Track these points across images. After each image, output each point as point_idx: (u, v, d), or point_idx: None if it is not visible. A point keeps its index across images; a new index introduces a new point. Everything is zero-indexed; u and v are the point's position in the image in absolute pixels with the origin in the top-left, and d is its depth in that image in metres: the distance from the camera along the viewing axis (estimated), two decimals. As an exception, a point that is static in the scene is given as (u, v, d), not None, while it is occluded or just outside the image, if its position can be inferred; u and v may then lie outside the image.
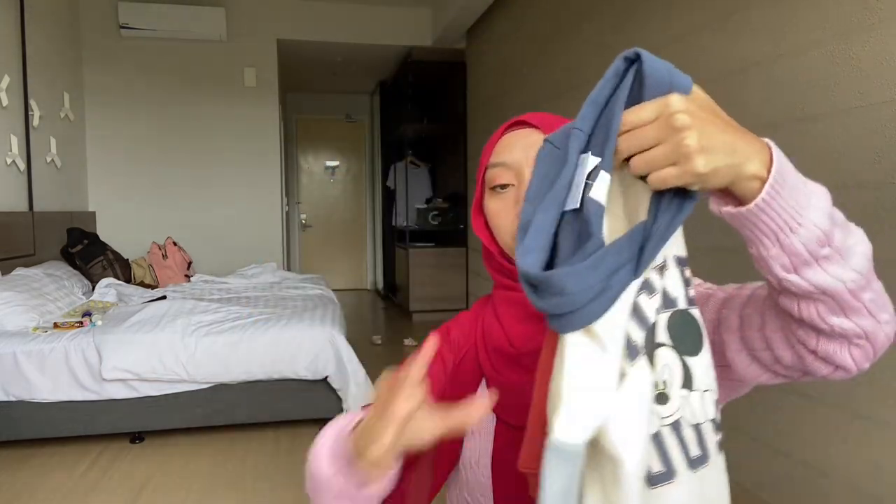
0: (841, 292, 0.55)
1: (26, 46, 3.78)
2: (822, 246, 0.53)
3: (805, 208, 0.53)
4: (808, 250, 0.53)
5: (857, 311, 0.56)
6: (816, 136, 1.70)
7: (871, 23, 1.53)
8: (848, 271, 0.54)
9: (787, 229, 0.52)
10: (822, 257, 0.54)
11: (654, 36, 2.45)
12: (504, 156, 0.75)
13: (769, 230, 0.53)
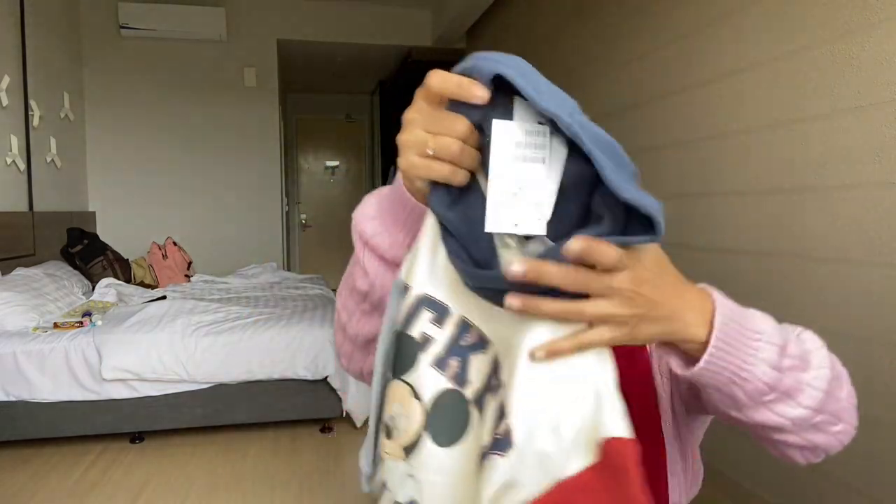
0: (784, 425, 0.56)
1: (26, 46, 3.78)
2: (768, 392, 0.53)
3: (750, 364, 0.52)
4: (752, 399, 0.54)
5: (804, 432, 0.57)
6: (816, 136, 1.70)
7: (871, 23, 1.53)
8: (796, 409, 0.55)
9: (732, 384, 0.53)
10: (767, 401, 0.54)
11: (655, 36, 2.45)
12: None
13: (713, 386, 0.54)
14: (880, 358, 1.52)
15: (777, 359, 0.53)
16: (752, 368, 0.52)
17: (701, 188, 2.19)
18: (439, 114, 0.50)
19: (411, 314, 0.53)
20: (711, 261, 2.13)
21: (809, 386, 0.55)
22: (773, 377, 0.53)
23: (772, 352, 0.53)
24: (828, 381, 0.56)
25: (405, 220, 0.58)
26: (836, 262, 1.64)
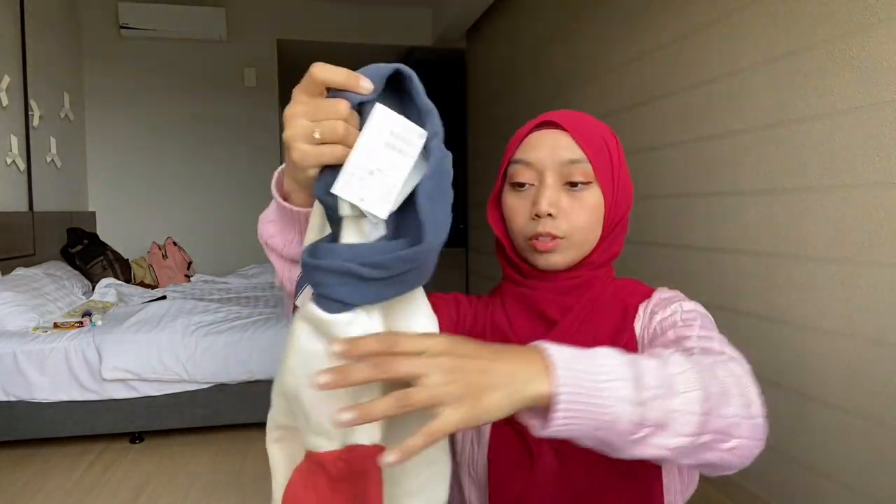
0: (667, 456, 0.54)
1: (26, 46, 3.78)
2: (638, 430, 0.52)
3: (609, 406, 0.51)
4: (625, 440, 0.52)
5: (692, 454, 0.56)
6: (816, 136, 1.70)
7: (871, 23, 1.53)
8: (673, 439, 0.53)
9: (598, 430, 0.51)
10: (641, 438, 0.53)
11: (655, 36, 2.46)
12: (528, 154, 0.76)
13: (583, 437, 0.52)
14: (880, 358, 1.53)
15: (634, 393, 0.51)
16: (611, 409, 0.50)
17: (701, 188, 2.19)
18: (320, 101, 0.51)
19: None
20: (711, 261, 2.13)
21: (681, 412, 0.53)
22: (636, 414, 0.51)
23: (626, 388, 0.51)
24: (701, 403, 0.54)
25: (289, 221, 0.62)
26: (836, 262, 1.64)
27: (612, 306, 0.77)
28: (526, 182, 0.76)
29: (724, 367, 0.59)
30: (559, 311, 0.77)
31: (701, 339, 0.67)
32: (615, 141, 0.79)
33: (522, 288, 0.79)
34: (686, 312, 0.73)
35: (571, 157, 0.74)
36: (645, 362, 0.55)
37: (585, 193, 0.74)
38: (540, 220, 0.74)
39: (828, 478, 1.68)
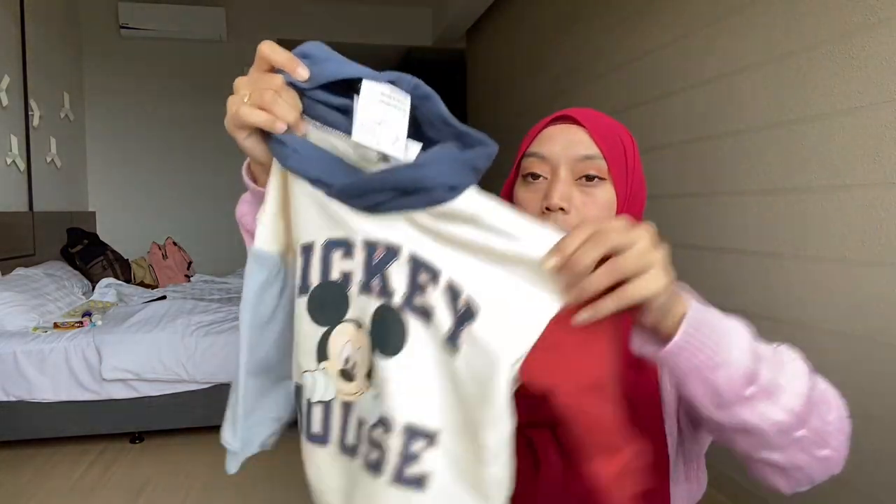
0: (767, 430, 0.55)
1: (26, 46, 3.78)
2: (748, 385, 0.53)
3: (724, 346, 0.53)
4: (733, 389, 0.53)
5: (787, 447, 0.56)
6: (816, 136, 1.70)
7: (871, 23, 1.53)
8: (776, 411, 0.54)
9: (708, 368, 0.52)
10: (746, 396, 0.54)
11: (655, 36, 2.46)
12: (543, 147, 0.75)
13: (691, 371, 0.53)
14: (880, 358, 1.53)
15: (750, 346, 0.54)
16: (728, 352, 0.52)
17: (701, 188, 2.19)
18: (262, 74, 0.56)
19: (325, 263, 0.55)
20: (711, 261, 2.13)
21: (789, 390, 0.55)
22: (749, 363, 0.53)
23: (745, 340, 0.54)
24: (807, 389, 0.56)
25: (256, 202, 0.66)
26: (837, 262, 1.64)
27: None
28: (539, 174, 0.75)
29: (822, 380, 0.60)
30: None
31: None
32: (631, 141, 0.78)
33: None
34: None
35: (586, 152, 0.72)
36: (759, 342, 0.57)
37: (598, 190, 0.73)
38: (550, 215, 0.72)
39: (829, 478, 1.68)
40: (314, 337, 0.56)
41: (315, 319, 0.56)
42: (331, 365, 0.56)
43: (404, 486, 0.51)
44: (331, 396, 0.55)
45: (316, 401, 0.56)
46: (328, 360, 0.55)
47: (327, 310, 0.56)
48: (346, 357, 0.55)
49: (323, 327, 0.56)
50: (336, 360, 0.55)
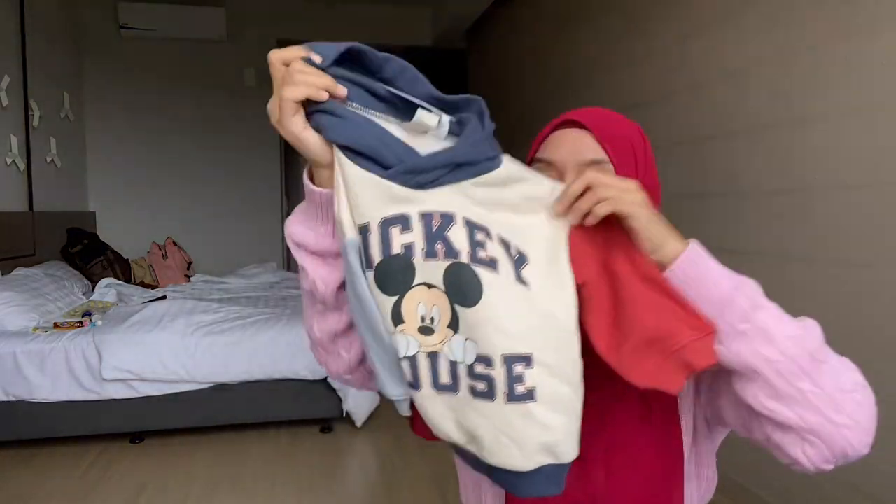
0: (767, 372, 0.58)
1: (26, 46, 3.78)
2: (742, 321, 0.59)
3: (713, 279, 0.61)
4: (728, 321, 0.59)
5: (794, 399, 0.58)
6: (816, 136, 1.70)
7: (871, 23, 1.53)
8: (772, 351, 0.58)
9: (702, 298, 0.61)
10: (741, 332, 0.59)
11: (655, 36, 2.46)
12: (550, 153, 0.75)
13: (691, 282, 0.61)
14: (881, 358, 1.53)
15: (738, 289, 0.61)
16: (717, 283, 0.61)
17: (701, 188, 2.19)
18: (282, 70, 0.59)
19: (384, 240, 0.61)
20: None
21: (788, 337, 0.59)
22: (736, 298, 0.60)
23: (730, 282, 0.62)
24: (812, 344, 0.59)
25: (322, 214, 0.65)
26: (837, 262, 1.64)
27: None
28: None
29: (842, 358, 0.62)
30: None
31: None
32: (643, 143, 0.77)
33: None
34: None
35: (593, 156, 0.72)
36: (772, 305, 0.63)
37: None
38: None
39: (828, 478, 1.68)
40: (388, 305, 0.62)
41: (384, 290, 0.62)
42: (408, 327, 0.62)
43: (519, 401, 0.61)
44: (414, 351, 0.62)
45: (402, 356, 0.63)
46: (404, 324, 0.62)
47: (395, 280, 0.62)
48: (422, 316, 0.62)
49: (393, 297, 0.62)
50: (412, 321, 0.62)
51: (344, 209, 0.62)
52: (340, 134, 0.60)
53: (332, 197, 0.63)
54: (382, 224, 0.61)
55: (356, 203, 0.61)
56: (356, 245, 0.62)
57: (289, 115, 0.59)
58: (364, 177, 0.60)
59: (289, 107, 0.58)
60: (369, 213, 0.61)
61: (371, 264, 0.61)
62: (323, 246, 0.66)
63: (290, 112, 0.58)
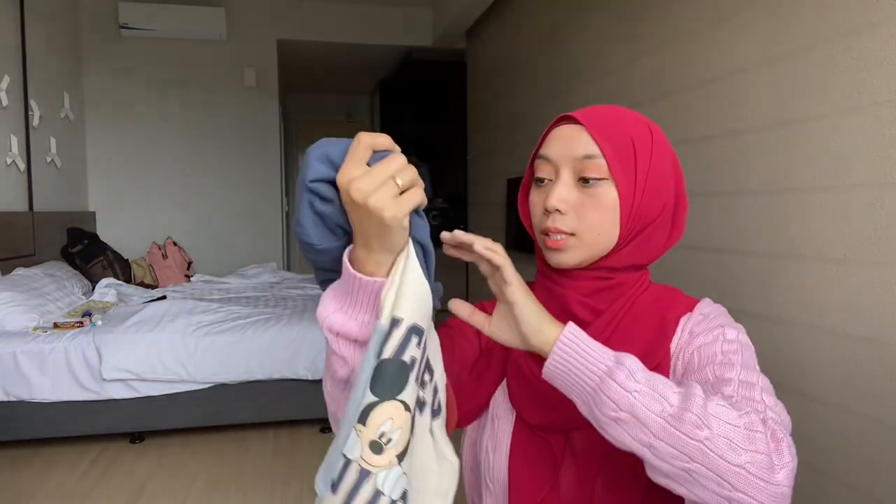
0: (648, 457, 0.58)
1: (26, 46, 3.78)
2: (614, 409, 0.58)
3: (588, 365, 0.60)
4: (601, 411, 0.59)
5: (681, 478, 0.57)
6: (816, 136, 1.70)
7: (871, 23, 1.53)
8: (646, 435, 0.57)
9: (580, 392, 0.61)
10: (615, 419, 0.58)
11: (654, 36, 2.46)
12: (548, 149, 0.76)
13: (572, 393, 0.62)
14: (880, 358, 1.53)
15: (619, 374, 0.59)
16: (592, 377, 0.60)
17: (701, 188, 2.19)
18: (381, 164, 0.56)
19: (404, 342, 0.60)
20: (711, 261, 2.13)
21: (656, 419, 0.57)
22: (604, 372, 0.59)
23: (609, 363, 0.60)
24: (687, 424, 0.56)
25: (365, 300, 0.62)
26: (836, 262, 1.64)
27: (649, 316, 0.75)
28: (544, 177, 0.76)
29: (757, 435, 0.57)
30: (589, 313, 0.75)
31: (742, 384, 0.65)
32: (647, 136, 0.75)
33: (551, 283, 0.78)
34: (728, 342, 0.70)
35: (585, 152, 0.72)
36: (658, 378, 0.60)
37: (599, 190, 0.72)
38: (550, 216, 0.74)
39: (828, 478, 1.68)
40: (365, 401, 0.60)
41: (371, 388, 0.59)
42: (364, 433, 0.59)
43: None
44: (353, 456, 0.59)
45: (342, 451, 0.59)
46: (364, 427, 0.59)
47: (385, 383, 0.59)
48: (382, 432, 0.59)
49: (374, 397, 0.59)
50: (371, 430, 0.59)
51: (391, 295, 0.60)
52: (418, 232, 0.61)
53: (375, 287, 0.60)
54: (410, 328, 0.60)
55: (403, 295, 0.60)
56: (382, 332, 0.60)
57: (404, 215, 0.57)
58: (420, 280, 0.61)
59: (410, 206, 0.57)
60: (407, 312, 0.60)
61: (379, 356, 0.59)
62: (366, 334, 0.63)
63: (407, 210, 0.57)
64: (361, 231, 0.57)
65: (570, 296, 0.76)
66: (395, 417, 0.59)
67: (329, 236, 0.61)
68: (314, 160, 0.58)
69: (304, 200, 0.59)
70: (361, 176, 0.54)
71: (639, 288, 0.77)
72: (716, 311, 0.76)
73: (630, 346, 0.71)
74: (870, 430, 1.55)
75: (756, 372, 0.67)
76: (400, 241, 0.59)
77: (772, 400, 0.64)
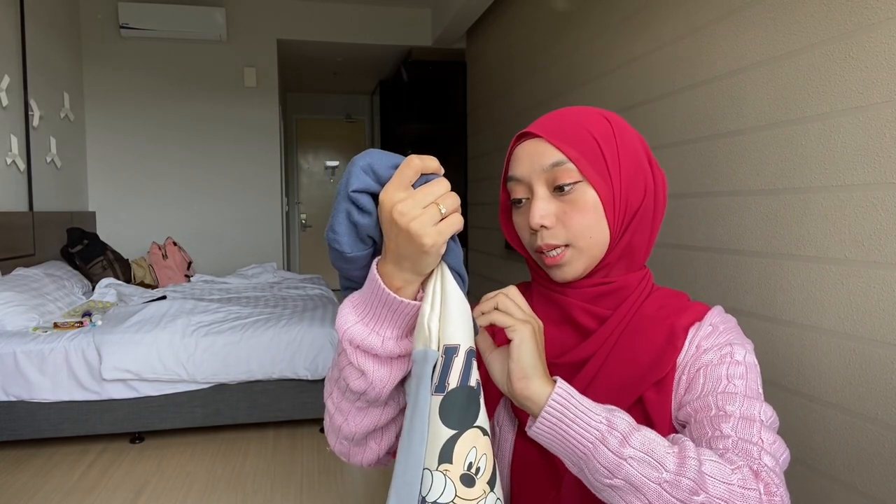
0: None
1: (26, 46, 3.78)
2: (608, 476, 0.57)
3: (580, 429, 0.58)
4: (595, 478, 0.58)
5: None
6: (816, 136, 1.70)
7: (871, 23, 1.53)
8: (643, 502, 0.56)
9: (570, 453, 0.59)
10: (609, 485, 0.57)
11: (654, 36, 2.46)
12: (515, 169, 0.75)
13: (560, 454, 0.60)
14: (880, 358, 1.53)
15: (611, 439, 0.58)
16: (585, 443, 0.58)
17: (701, 188, 2.19)
18: (424, 188, 0.56)
19: (467, 367, 0.59)
20: (711, 261, 2.13)
21: (654, 486, 0.56)
22: (596, 437, 0.58)
23: (602, 427, 0.58)
24: (678, 484, 0.56)
25: (390, 317, 0.61)
26: (836, 262, 1.64)
27: (656, 324, 0.73)
28: (521, 197, 0.75)
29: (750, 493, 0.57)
30: (593, 320, 0.74)
31: (742, 420, 0.64)
32: (608, 128, 0.73)
33: (552, 293, 0.77)
34: (735, 364, 0.69)
35: (552, 160, 0.71)
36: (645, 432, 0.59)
37: (576, 195, 0.71)
38: (538, 234, 0.72)
39: (828, 478, 1.68)
40: (442, 437, 0.57)
41: (445, 421, 0.58)
42: (453, 469, 0.57)
43: None
44: (448, 499, 0.56)
45: (431, 501, 0.57)
46: (451, 464, 0.57)
47: (459, 413, 0.58)
48: (470, 462, 0.57)
49: (452, 430, 0.57)
50: (459, 465, 0.57)
51: (435, 321, 0.59)
52: (452, 258, 0.61)
53: (417, 308, 0.60)
54: (469, 353, 0.59)
55: (451, 321, 0.59)
56: (434, 359, 0.59)
57: (443, 241, 0.57)
58: (464, 303, 0.60)
59: (451, 232, 0.57)
60: (460, 337, 0.59)
61: (443, 389, 0.58)
62: (388, 349, 0.62)
63: (446, 237, 0.57)
64: (396, 250, 0.57)
65: (573, 304, 0.74)
66: (478, 445, 0.58)
67: (359, 245, 0.61)
68: (359, 170, 0.57)
69: (342, 209, 0.58)
70: (406, 199, 0.55)
71: (642, 292, 0.75)
72: (726, 322, 0.74)
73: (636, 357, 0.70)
74: (870, 430, 1.55)
75: (758, 401, 0.67)
76: (432, 265, 0.59)
77: (770, 436, 0.64)
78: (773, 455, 0.62)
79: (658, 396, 0.69)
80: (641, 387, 0.69)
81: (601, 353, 0.72)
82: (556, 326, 0.76)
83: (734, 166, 2.03)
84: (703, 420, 0.66)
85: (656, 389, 0.69)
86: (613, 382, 0.70)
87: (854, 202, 1.59)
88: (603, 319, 0.73)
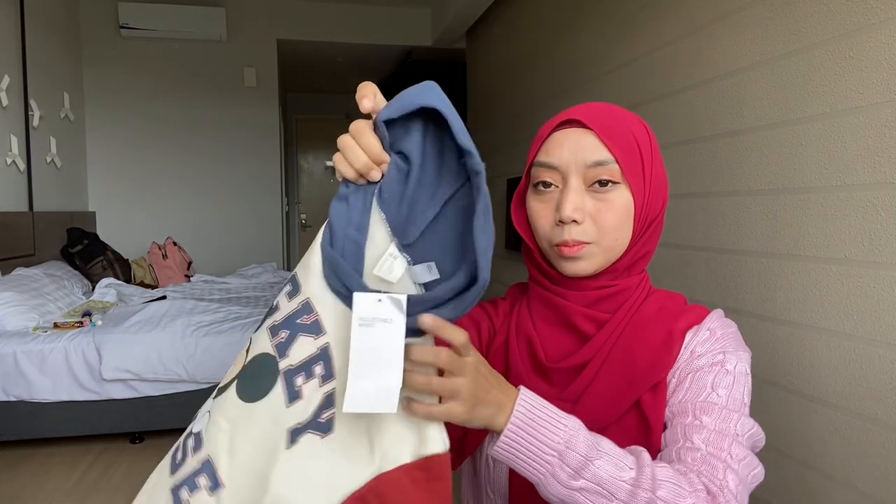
0: None
1: (26, 46, 3.78)
2: (574, 478, 0.58)
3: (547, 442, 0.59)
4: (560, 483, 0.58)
5: None
6: (816, 136, 1.70)
7: (871, 23, 1.53)
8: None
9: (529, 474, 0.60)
10: (577, 488, 0.58)
11: (654, 36, 2.46)
12: (551, 156, 0.71)
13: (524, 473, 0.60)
14: (880, 358, 1.53)
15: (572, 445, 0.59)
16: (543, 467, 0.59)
17: (701, 188, 2.19)
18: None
19: (282, 287, 0.64)
20: (711, 261, 2.13)
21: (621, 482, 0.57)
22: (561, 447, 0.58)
23: (554, 460, 0.58)
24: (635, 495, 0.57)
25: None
26: (836, 262, 1.64)
27: (654, 327, 0.72)
28: (550, 182, 0.71)
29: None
30: (592, 325, 0.73)
31: (715, 433, 0.64)
32: (646, 134, 0.74)
33: (551, 295, 0.75)
34: (724, 374, 0.68)
35: (597, 158, 0.69)
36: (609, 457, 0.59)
37: (613, 195, 0.69)
38: (565, 227, 0.69)
39: (828, 478, 1.68)
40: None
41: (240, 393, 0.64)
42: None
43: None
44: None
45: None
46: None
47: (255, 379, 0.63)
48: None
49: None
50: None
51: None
52: (332, 209, 0.63)
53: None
54: (291, 276, 0.65)
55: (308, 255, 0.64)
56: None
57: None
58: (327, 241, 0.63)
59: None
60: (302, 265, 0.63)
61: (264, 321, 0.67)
62: None
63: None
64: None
65: (573, 308, 0.73)
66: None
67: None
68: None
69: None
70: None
71: (640, 294, 0.74)
72: (724, 328, 0.73)
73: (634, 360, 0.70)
74: (870, 430, 1.55)
75: (737, 413, 0.66)
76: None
77: (740, 452, 0.63)
78: (740, 473, 0.62)
79: (654, 400, 0.69)
80: (638, 390, 0.69)
81: (599, 357, 0.71)
82: (554, 329, 0.75)
83: (734, 166, 2.03)
84: (678, 426, 0.66)
85: (653, 393, 0.69)
86: (611, 386, 0.70)
87: (854, 202, 1.59)
88: (602, 324, 0.73)
